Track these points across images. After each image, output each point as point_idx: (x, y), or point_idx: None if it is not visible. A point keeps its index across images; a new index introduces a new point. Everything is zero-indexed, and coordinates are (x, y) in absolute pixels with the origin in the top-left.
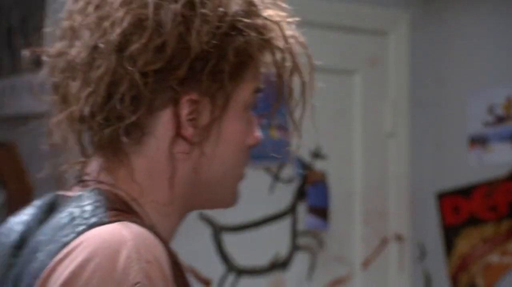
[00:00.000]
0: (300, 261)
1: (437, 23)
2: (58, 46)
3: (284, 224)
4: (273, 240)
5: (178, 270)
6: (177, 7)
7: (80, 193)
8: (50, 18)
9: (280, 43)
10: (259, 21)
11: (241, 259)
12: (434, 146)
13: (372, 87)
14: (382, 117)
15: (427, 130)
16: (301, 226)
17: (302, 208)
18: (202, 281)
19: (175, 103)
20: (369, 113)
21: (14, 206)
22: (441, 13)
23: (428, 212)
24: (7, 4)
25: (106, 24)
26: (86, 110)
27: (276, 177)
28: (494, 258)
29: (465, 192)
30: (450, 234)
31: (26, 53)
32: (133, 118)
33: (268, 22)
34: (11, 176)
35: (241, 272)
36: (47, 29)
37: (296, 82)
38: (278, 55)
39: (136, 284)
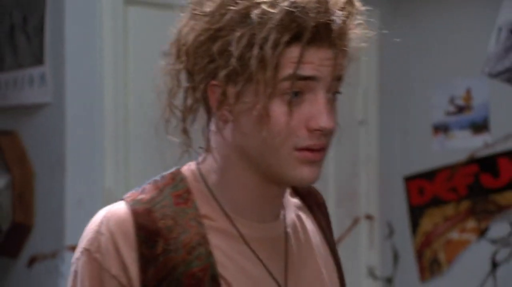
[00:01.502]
0: None
1: (405, 22)
2: None
3: None
4: None
5: (154, 240)
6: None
7: None
8: (49, 17)
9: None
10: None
11: None
12: (401, 134)
13: (345, 79)
14: (353, 107)
15: (395, 119)
16: None
17: None
18: None
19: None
20: (342, 103)
21: (17, 189)
22: (409, 12)
23: (395, 193)
24: (9, 4)
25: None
26: None
27: None
28: (454, 235)
29: (429, 175)
30: (415, 214)
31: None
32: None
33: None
34: (14, 161)
35: None
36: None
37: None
38: None
39: (84, 249)
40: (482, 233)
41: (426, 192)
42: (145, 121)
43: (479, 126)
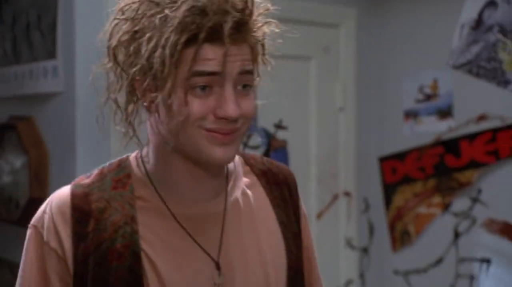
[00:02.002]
0: None
1: (380, 19)
2: None
3: None
4: None
5: (86, 220)
6: None
7: None
8: (61, 16)
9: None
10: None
11: None
12: (376, 119)
13: (325, 70)
14: (333, 95)
15: (371, 106)
16: None
17: None
18: None
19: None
20: (323, 92)
21: (33, 168)
22: (383, 12)
23: (371, 173)
24: (26, 4)
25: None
26: None
27: (245, 145)
28: (422, 209)
29: (401, 156)
30: (388, 191)
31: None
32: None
33: None
34: (31, 144)
35: None
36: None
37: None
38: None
39: (32, 225)
40: (446, 207)
41: (398, 172)
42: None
43: (444, 112)
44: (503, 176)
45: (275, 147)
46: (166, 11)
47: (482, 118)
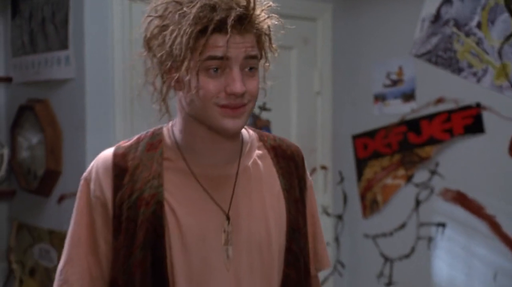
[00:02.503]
0: None
1: (353, 13)
2: None
3: None
4: None
5: (123, 174)
6: None
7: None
8: (72, 13)
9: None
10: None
11: None
12: (349, 102)
13: (305, 59)
14: (311, 81)
15: (345, 90)
16: None
17: None
18: None
19: None
20: (302, 78)
21: (49, 144)
22: (356, 5)
23: (345, 149)
24: (41, 1)
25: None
26: None
27: None
28: (389, 181)
29: (371, 134)
30: (360, 165)
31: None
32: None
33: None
34: (46, 123)
35: None
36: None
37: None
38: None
39: (84, 177)
40: (408, 179)
41: (368, 148)
42: (146, 91)
43: (408, 96)
44: (456, 151)
45: (259, 126)
46: (185, 8)
47: (439, 101)
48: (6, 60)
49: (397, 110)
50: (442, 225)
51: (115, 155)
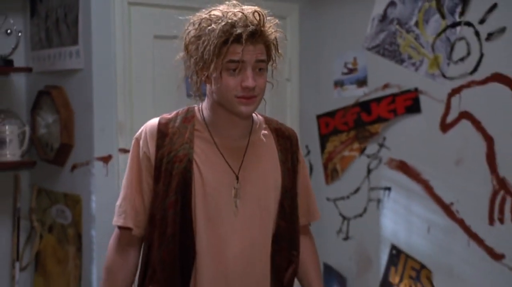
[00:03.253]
0: None
1: (316, 12)
2: None
3: None
4: None
5: (164, 138)
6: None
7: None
8: (81, 14)
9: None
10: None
11: None
12: (314, 87)
13: (278, 51)
14: (282, 69)
15: (310, 77)
16: None
17: None
18: None
19: None
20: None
21: (63, 123)
22: (319, 6)
23: (311, 126)
24: (56, 4)
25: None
26: None
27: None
28: (346, 153)
29: (331, 114)
30: (323, 140)
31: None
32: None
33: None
34: (61, 105)
35: None
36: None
37: None
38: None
39: (135, 137)
40: (362, 151)
41: (329, 125)
42: (142, 79)
43: (361, 82)
44: (399, 128)
45: None
46: (213, 24)
47: (386, 86)
48: (27, 53)
49: (352, 94)
50: (388, 189)
51: (159, 123)
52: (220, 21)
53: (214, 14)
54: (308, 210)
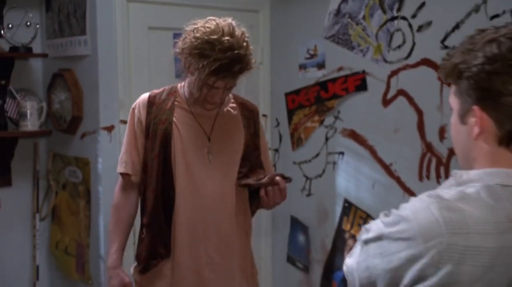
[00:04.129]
0: None
1: (284, 7)
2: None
3: None
4: None
5: (152, 106)
6: None
7: None
8: (88, 10)
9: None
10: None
11: None
12: (283, 69)
13: (251, 39)
14: (256, 55)
15: (279, 61)
16: None
17: None
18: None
19: None
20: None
21: (74, 99)
22: (287, 1)
23: (280, 102)
24: (67, 1)
25: None
26: None
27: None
28: (308, 124)
29: (297, 92)
30: (290, 113)
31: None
32: None
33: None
34: (72, 85)
35: None
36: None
37: None
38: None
39: (132, 107)
40: (321, 122)
41: (295, 101)
42: (138, 63)
43: (320, 65)
44: (350, 103)
45: None
46: (214, 55)
47: (340, 69)
48: (43, 42)
49: (313, 75)
50: (342, 153)
51: (149, 96)
52: (220, 55)
53: (211, 39)
54: (266, 167)
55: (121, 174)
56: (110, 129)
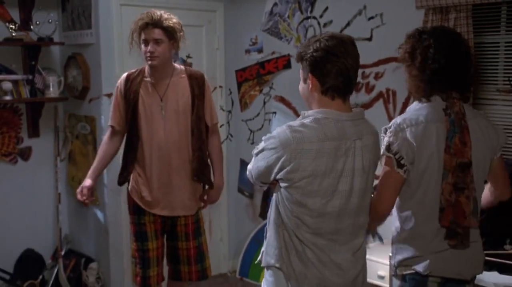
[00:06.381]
0: None
1: (235, 7)
2: None
3: None
4: None
5: (127, 82)
6: None
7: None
8: (93, 11)
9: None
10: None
11: None
12: (234, 53)
13: (210, 31)
14: (213, 43)
15: (231, 48)
16: None
17: None
18: None
19: None
20: (209, 41)
21: (83, 73)
22: (237, 2)
23: (232, 77)
24: (77, 3)
25: None
26: None
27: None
28: (252, 92)
29: (243, 69)
30: (239, 85)
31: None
32: None
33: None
34: (82, 64)
35: None
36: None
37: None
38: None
39: (117, 86)
40: (260, 91)
41: (243, 76)
42: (128, 49)
43: (259, 50)
44: (280, 77)
45: (186, 65)
46: (140, 22)
47: (273, 53)
48: (60, 34)
49: (255, 57)
50: (274, 113)
51: (127, 75)
52: (142, 20)
53: (140, 17)
54: (210, 115)
55: (110, 126)
56: (109, 95)
